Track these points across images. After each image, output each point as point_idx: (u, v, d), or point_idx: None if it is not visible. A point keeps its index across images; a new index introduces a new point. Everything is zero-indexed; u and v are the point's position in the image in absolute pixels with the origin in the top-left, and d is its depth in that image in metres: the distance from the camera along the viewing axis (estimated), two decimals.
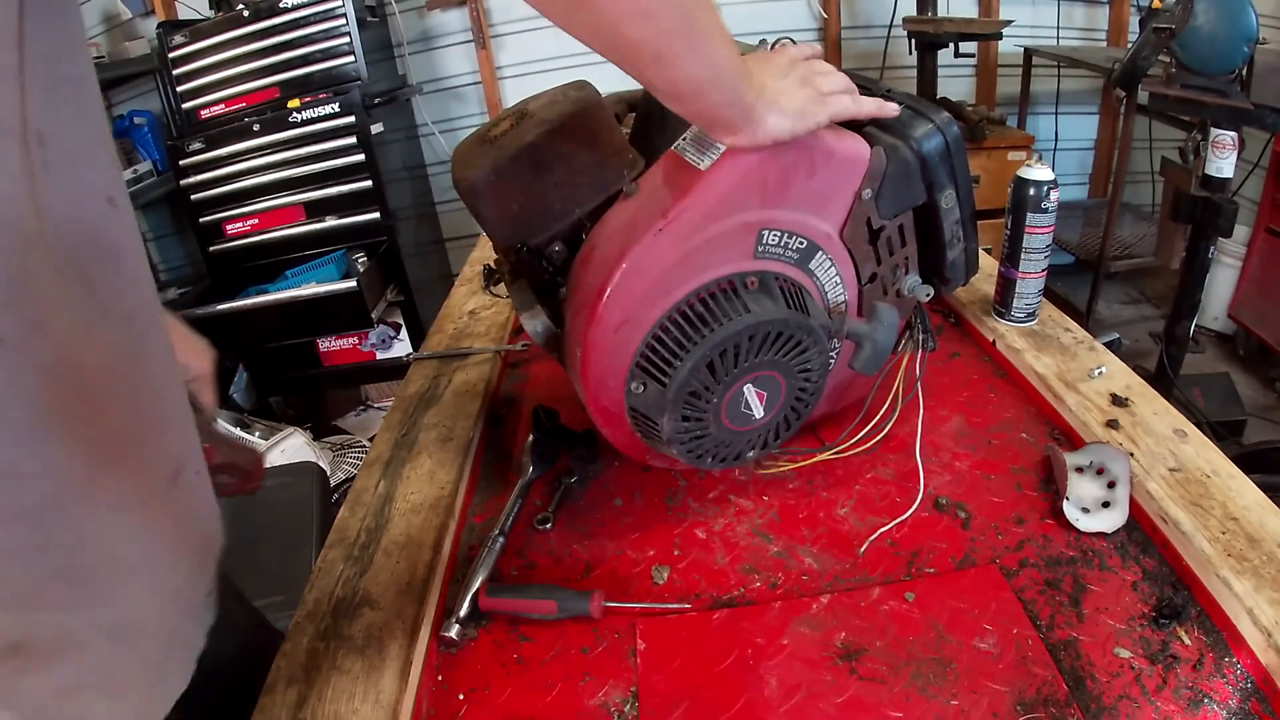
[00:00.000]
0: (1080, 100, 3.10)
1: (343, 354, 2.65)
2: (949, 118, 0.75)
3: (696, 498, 0.82)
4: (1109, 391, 0.85)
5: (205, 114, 2.47)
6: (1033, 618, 0.63)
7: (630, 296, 0.65)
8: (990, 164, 2.62)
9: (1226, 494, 0.69)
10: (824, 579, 0.70)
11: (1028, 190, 0.93)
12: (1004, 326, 1.01)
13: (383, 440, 0.95)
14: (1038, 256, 0.96)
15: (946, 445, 0.85)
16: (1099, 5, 2.95)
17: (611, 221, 0.69)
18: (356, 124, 2.40)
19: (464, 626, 0.69)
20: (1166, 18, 1.80)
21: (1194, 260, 1.89)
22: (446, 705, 0.63)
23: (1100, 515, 0.71)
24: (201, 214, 2.51)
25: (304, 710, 0.60)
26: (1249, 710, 0.55)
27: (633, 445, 0.76)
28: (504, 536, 0.78)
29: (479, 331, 1.22)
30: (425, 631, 0.67)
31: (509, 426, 1.01)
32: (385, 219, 2.51)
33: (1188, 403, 2.10)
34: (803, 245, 0.70)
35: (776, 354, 0.67)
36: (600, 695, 0.62)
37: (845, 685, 0.60)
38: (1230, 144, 1.73)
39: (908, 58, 2.73)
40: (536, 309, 0.73)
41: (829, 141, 0.68)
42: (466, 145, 0.75)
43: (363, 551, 0.77)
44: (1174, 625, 0.61)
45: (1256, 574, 0.60)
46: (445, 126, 3.07)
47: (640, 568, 0.74)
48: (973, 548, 0.71)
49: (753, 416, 0.71)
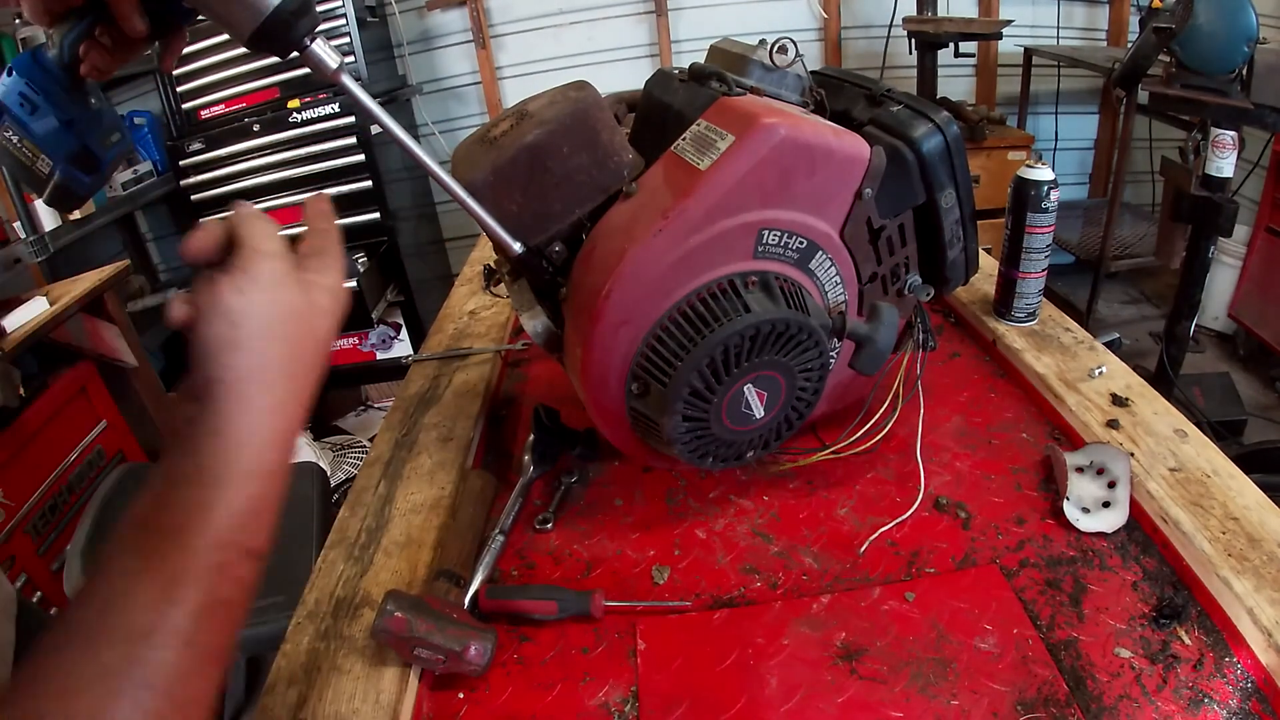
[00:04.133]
0: (1080, 100, 3.10)
1: (343, 354, 2.66)
2: (949, 117, 0.75)
3: (697, 498, 0.82)
4: (1109, 391, 0.85)
5: (205, 114, 2.48)
6: (1033, 618, 0.63)
7: (631, 296, 0.65)
8: (990, 164, 2.62)
9: (1227, 494, 0.69)
10: (824, 579, 0.70)
11: (1028, 190, 0.93)
12: (1004, 326, 1.00)
13: (383, 440, 0.95)
14: (1038, 256, 0.96)
15: (947, 445, 0.85)
16: (1099, 5, 2.95)
17: (612, 222, 0.69)
18: (356, 124, 2.40)
19: None
20: (1166, 17, 1.80)
21: (1194, 260, 1.89)
22: (446, 705, 0.63)
23: (1100, 515, 0.71)
24: (202, 214, 2.51)
25: (304, 710, 0.60)
26: (1249, 710, 0.55)
27: (633, 445, 0.76)
28: (504, 536, 0.78)
29: (479, 331, 1.22)
30: None
31: (509, 426, 1.01)
32: (385, 219, 2.51)
33: (1188, 403, 2.10)
34: (803, 245, 0.70)
35: (777, 354, 0.67)
36: (600, 695, 0.62)
37: (845, 685, 0.60)
38: (1230, 143, 1.73)
39: (908, 58, 2.73)
40: (536, 309, 0.73)
41: (829, 141, 0.68)
42: (466, 146, 0.75)
43: (363, 551, 0.77)
44: (1174, 625, 0.61)
45: (1257, 574, 0.60)
46: (445, 127, 3.07)
47: (640, 568, 0.74)
48: (973, 548, 0.71)
49: (753, 416, 0.71)
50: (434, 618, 0.62)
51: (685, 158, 0.68)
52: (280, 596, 1.12)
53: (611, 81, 0.74)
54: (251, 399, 0.41)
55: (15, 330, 1.73)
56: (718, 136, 0.66)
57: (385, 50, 2.78)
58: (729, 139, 0.65)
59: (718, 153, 0.65)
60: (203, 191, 2.49)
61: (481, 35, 2.90)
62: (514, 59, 3.00)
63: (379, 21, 2.72)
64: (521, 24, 2.95)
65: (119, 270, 2.10)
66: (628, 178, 0.71)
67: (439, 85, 3.05)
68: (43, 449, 1.82)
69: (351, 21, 2.38)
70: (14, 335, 1.71)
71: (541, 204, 0.70)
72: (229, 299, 0.41)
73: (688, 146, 0.69)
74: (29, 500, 1.75)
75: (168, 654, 0.36)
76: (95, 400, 2.02)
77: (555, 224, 0.71)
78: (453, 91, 3.07)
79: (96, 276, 2.02)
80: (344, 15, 2.38)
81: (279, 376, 0.43)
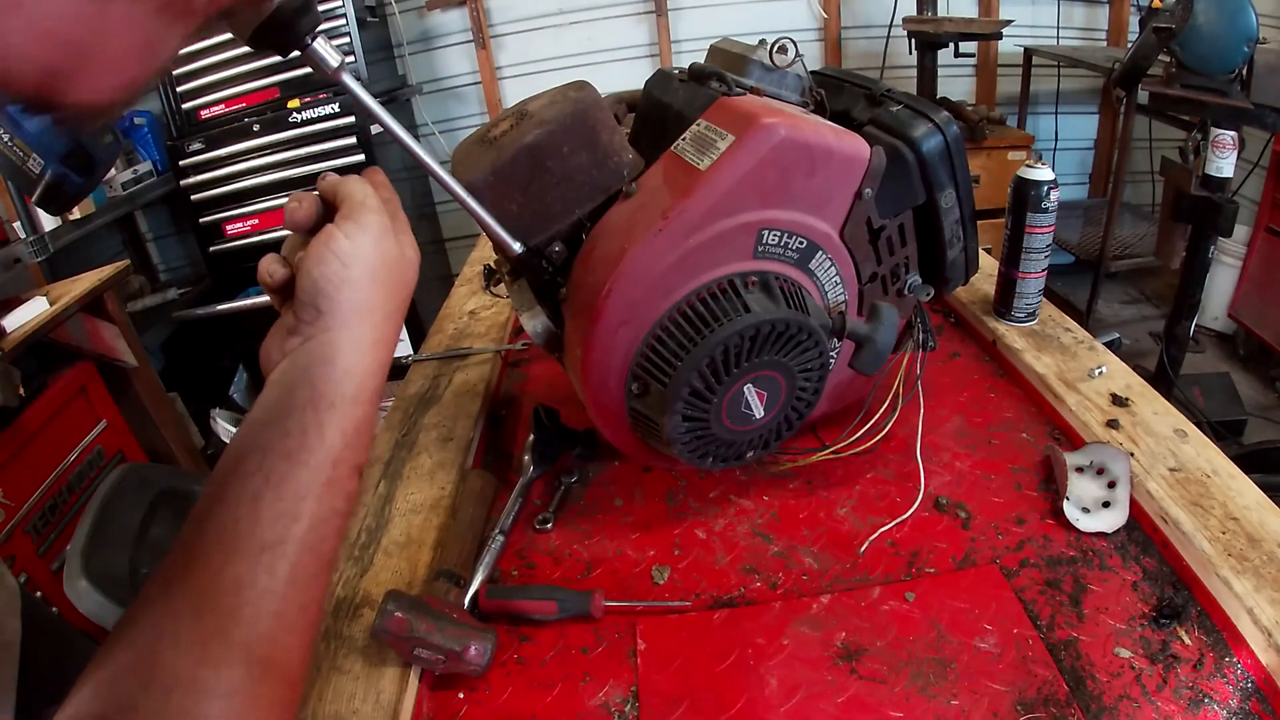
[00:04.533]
0: (1080, 100, 3.10)
1: None
2: (949, 117, 0.75)
3: (697, 498, 0.82)
4: (1109, 391, 0.85)
5: (205, 114, 2.48)
6: (1033, 618, 0.63)
7: (631, 297, 0.65)
8: (990, 164, 2.62)
9: (1227, 494, 0.69)
10: (824, 579, 0.70)
11: (1028, 190, 0.93)
12: (1004, 326, 1.00)
13: (383, 440, 0.95)
14: (1038, 256, 0.96)
15: (946, 445, 0.85)
16: (1099, 5, 2.95)
17: (612, 222, 0.69)
18: (356, 124, 2.40)
19: None
20: (1166, 17, 1.80)
21: (1194, 260, 1.89)
22: (446, 705, 0.63)
23: (1100, 515, 0.71)
24: (201, 214, 2.51)
25: (304, 710, 0.60)
26: (1249, 710, 0.55)
27: (633, 445, 0.76)
28: (504, 536, 0.78)
29: (479, 331, 1.22)
30: None
31: (509, 426, 1.00)
32: None
33: (1188, 402, 2.10)
34: (803, 245, 0.70)
35: (777, 354, 0.67)
36: (600, 695, 0.62)
37: (845, 685, 0.60)
38: (1230, 143, 1.73)
39: (908, 58, 2.73)
40: (536, 309, 0.73)
41: (829, 141, 0.68)
42: (466, 146, 0.74)
43: (363, 551, 0.77)
44: (1174, 625, 0.61)
45: (1257, 574, 0.60)
46: (445, 127, 3.07)
47: (640, 568, 0.74)
48: (973, 548, 0.71)
49: (753, 416, 0.71)
50: (434, 618, 0.62)
51: (685, 158, 0.68)
52: None
53: (611, 81, 0.74)
54: (359, 331, 0.46)
55: (15, 330, 1.72)
56: (718, 136, 0.66)
57: (385, 50, 2.78)
58: (729, 139, 0.65)
59: (718, 153, 0.65)
60: (203, 191, 2.49)
61: (481, 35, 2.90)
62: (514, 59, 3.00)
63: (379, 21, 2.72)
64: (521, 24, 2.95)
65: (119, 270, 2.09)
66: (628, 178, 0.71)
67: (439, 85, 3.05)
68: (43, 449, 1.82)
69: (351, 21, 2.38)
70: (14, 335, 1.71)
71: (541, 204, 0.70)
72: (342, 243, 0.46)
73: (688, 146, 0.69)
74: (29, 500, 1.75)
75: (292, 562, 0.40)
76: (95, 400, 2.02)
77: (555, 224, 0.70)
78: (453, 91, 3.07)
79: (96, 276, 2.02)
80: (344, 15, 2.38)
81: (380, 314, 0.48)
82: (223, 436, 2.40)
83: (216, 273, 2.57)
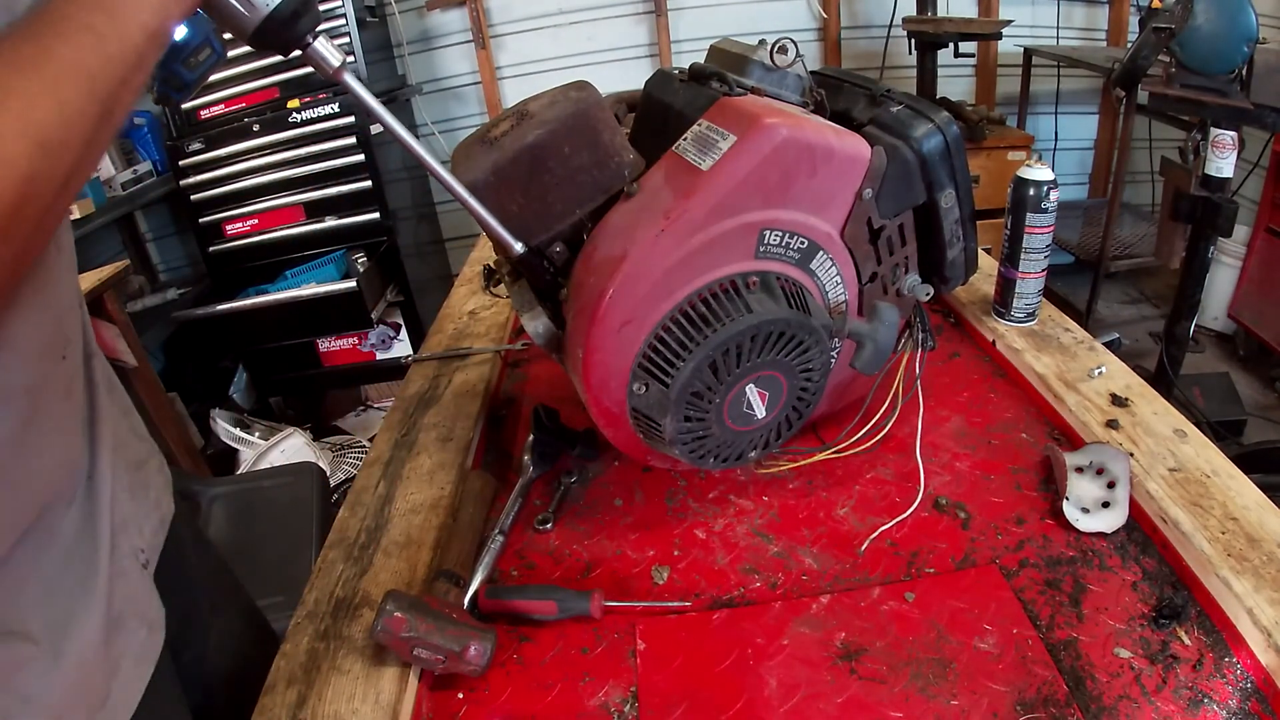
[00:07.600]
0: (1080, 100, 3.10)
1: (342, 354, 2.65)
2: (949, 117, 0.75)
3: (696, 498, 0.82)
4: (1109, 391, 0.85)
5: (205, 114, 2.47)
6: (1033, 618, 0.63)
7: (632, 297, 0.65)
8: (990, 164, 2.62)
9: (1226, 494, 0.69)
10: (824, 579, 0.70)
11: (1028, 190, 0.93)
12: (1004, 326, 1.01)
13: (383, 440, 0.95)
14: (1038, 256, 0.96)
15: (946, 445, 0.85)
16: (1099, 5, 2.95)
17: (613, 222, 0.69)
18: (356, 124, 2.40)
19: None
20: (1166, 17, 1.80)
21: (1194, 260, 1.89)
22: (446, 705, 0.63)
23: (1100, 515, 0.71)
24: (201, 214, 2.50)
25: (304, 710, 0.60)
26: (1249, 710, 0.55)
27: (634, 445, 0.76)
28: (504, 536, 0.78)
29: (479, 331, 1.22)
30: None
31: (509, 426, 1.00)
32: (385, 219, 2.51)
33: (1188, 403, 2.10)
34: (804, 245, 0.70)
35: (778, 354, 0.67)
36: (600, 695, 0.62)
37: (845, 685, 0.60)
38: (1230, 144, 1.73)
39: (908, 58, 2.73)
40: (537, 309, 0.73)
41: (831, 141, 0.68)
42: (466, 146, 0.75)
43: (363, 551, 0.77)
44: (1174, 625, 0.61)
45: (1256, 574, 0.60)
46: (445, 127, 3.07)
47: (640, 568, 0.74)
48: (973, 548, 0.71)
49: (755, 416, 0.71)
50: (434, 618, 0.62)
51: (687, 158, 0.68)
52: (280, 596, 1.11)
53: (611, 81, 0.74)
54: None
55: None
56: (719, 137, 0.66)
57: (385, 50, 2.78)
58: (730, 139, 0.65)
59: (719, 153, 0.65)
60: (202, 191, 2.49)
61: (481, 35, 2.90)
62: (514, 59, 3.00)
63: (379, 21, 2.72)
64: (521, 24, 2.95)
65: (119, 270, 2.09)
66: (629, 178, 0.71)
67: (439, 85, 3.05)
68: None
69: (351, 21, 2.38)
70: None
71: (542, 204, 0.70)
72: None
73: (689, 147, 0.69)
74: None
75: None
76: None
77: (556, 224, 0.71)
78: (453, 91, 3.07)
79: (96, 276, 2.01)
80: (344, 15, 2.37)
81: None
82: (223, 436, 2.40)
83: (216, 273, 2.57)
